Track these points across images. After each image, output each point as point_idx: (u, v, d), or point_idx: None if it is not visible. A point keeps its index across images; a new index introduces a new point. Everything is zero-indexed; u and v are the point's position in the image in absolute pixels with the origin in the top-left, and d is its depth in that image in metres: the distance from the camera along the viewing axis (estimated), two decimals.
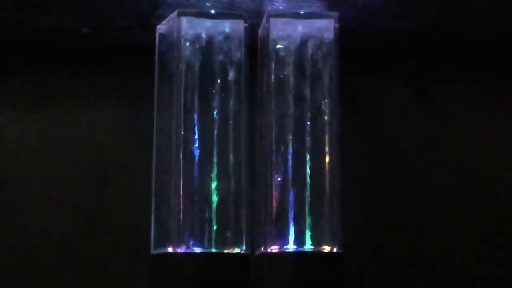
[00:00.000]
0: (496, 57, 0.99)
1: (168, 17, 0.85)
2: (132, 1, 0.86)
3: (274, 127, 0.83)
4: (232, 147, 0.83)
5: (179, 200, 0.81)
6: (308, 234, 0.82)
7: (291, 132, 0.83)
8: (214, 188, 0.82)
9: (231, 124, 0.83)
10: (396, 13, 0.89)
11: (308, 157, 0.83)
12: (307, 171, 0.83)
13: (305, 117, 0.84)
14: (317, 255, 0.82)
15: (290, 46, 0.85)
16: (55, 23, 0.91)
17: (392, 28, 0.92)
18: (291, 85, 0.84)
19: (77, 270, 0.93)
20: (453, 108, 0.99)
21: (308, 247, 0.82)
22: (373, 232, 0.95)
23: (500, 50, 0.99)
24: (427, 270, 0.95)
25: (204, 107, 0.83)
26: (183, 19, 0.83)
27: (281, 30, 0.85)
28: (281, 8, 0.86)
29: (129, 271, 0.93)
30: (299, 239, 0.82)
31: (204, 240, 0.81)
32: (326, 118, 0.84)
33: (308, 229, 0.82)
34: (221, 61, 0.84)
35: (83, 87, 0.97)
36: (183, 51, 0.83)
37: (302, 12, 0.85)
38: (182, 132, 0.82)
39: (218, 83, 0.84)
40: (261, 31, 0.87)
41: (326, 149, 0.83)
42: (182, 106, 0.82)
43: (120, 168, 0.95)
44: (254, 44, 0.87)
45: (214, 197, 0.82)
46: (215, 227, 0.81)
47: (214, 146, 0.83)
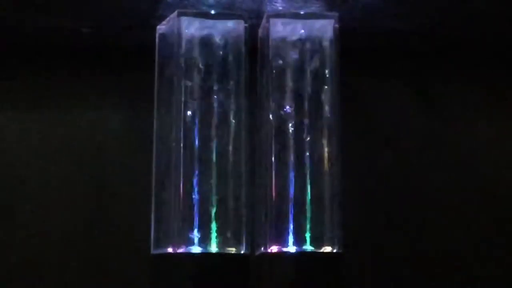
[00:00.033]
0: (496, 57, 0.99)
1: (168, 17, 0.85)
2: (132, 1, 0.86)
3: (274, 127, 0.83)
4: (232, 147, 0.83)
5: (179, 200, 0.81)
6: (308, 234, 0.82)
7: (291, 132, 0.83)
8: (214, 188, 0.82)
9: (231, 124, 0.83)
10: (396, 13, 0.89)
11: (308, 157, 0.83)
12: (307, 171, 0.83)
13: (305, 117, 0.84)
14: (317, 255, 0.82)
15: (290, 46, 0.85)
16: (55, 23, 0.91)
17: (392, 28, 0.92)
18: (291, 85, 0.84)
19: (77, 270, 0.93)
20: (453, 108, 0.99)
21: (308, 247, 0.82)
22: (373, 232, 0.95)
23: (500, 50, 0.99)
24: (427, 270, 0.95)
25: (204, 107, 0.83)
26: (183, 19, 0.83)
27: (281, 30, 0.85)
28: (281, 8, 0.86)
29: (129, 271, 0.93)
30: (299, 239, 0.82)
31: (204, 240, 0.81)
32: (326, 117, 0.84)
33: (308, 229, 0.82)
34: (221, 61, 0.84)
35: (83, 87, 0.97)
36: (183, 51, 0.83)
37: (302, 12, 0.85)
38: (182, 132, 0.82)
39: (218, 83, 0.84)
40: (261, 31, 0.87)
41: (326, 149, 0.83)
42: (182, 106, 0.82)
43: (120, 168, 0.95)
44: (254, 44, 0.87)
45: (214, 197, 0.82)
46: (215, 227, 0.81)
47: (214, 146, 0.83)
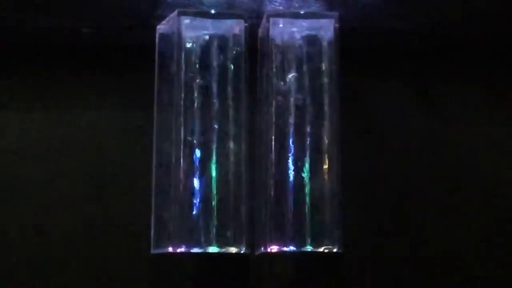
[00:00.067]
0: (496, 57, 0.99)
1: (168, 17, 0.85)
2: (132, 1, 0.86)
3: (274, 127, 0.83)
4: (232, 146, 0.83)
5: (179, 199, 0.81)
6: (308, 234, 0.82)
7: (291, 132, 0.83)
8: (214, 188, 0.82)
9: (231, 124, 0.83)
10: (396, 13, 0.89)
11: (308, 157, 0.83)
12: (307, 171, 0.83)
13: (305, 117, 0.84)
14: (317, 255, 0.82)
15: (290, 46, 0.85)
16: (55, 23, 0.91)
17: (392, 28, 0.92)
18: (291, 85, 0.84)
19: (77, 270, 0.93)
20: (453, 108, 0.99)
21: (308, 247, 0.82)
22: (373, 232, 0.95)
23: (500, 50, 0.99)
24: (427, 270, 0.95)
25: (204, 107, 0.83)
26: (183, 19, 0.83)
27: (281, 30, 0.85)
28: (281, 8, 0.86)
29: (129, 271, 0.93)
30: (299, 239, 0.82)
31: (204, 240, 0.81)
32: (326, 118, 0.84)
33: (308, 229, 0.82)
34: (221, 61, 0.84)
35: (83, 87, 0.97)
36: (183, 51, 0.83)
37: (302, 12, 0.85)
38: (182, 132, 0.82)
39: (218, 82, 0.84)
40: (261, 31, 0.87)
41: (326, 149, 0.83)
42: (182, 106, 0.82)
43: (120, 168, 0.95)
44: (254, 44, 0.87)
45: (214, 197, 0.82)
46: (215, 227, 0.81)
47: (214, 146, 0.83)
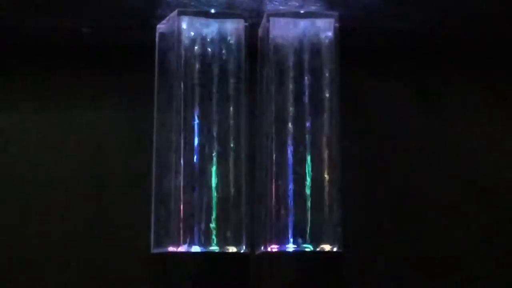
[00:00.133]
0: (496, 57, 0.99)
1: (168, 17, 0.85)
2: (132, 1, 0.86)
3: (274, 127, 0.83)
4: (232, 146, 0.83)
5: (179, 200, 0.81)
6: (308, 233, 0.82)
7: (291, 131, 0.83)
8: (214, 188, 0.82)
9: (231, 124, 0.83)
10: (396, 13, 0.89)
11: (308, 156, 0.83)
12: (307, 170, 0.83)
13: (305, 117, 0.84)
14: (317, 255, 0.82)
15: (290, 45, 0.85)
16: (55, 23, 0.91)
17: (392, 28, 0.92)
18: (291, 85, 0.84)
19: (77, 270, 0.93)
20: (453, 108, 0.99)
21: (308, 247, 0.82)
22: (373, 232, 0.95)
23: (500, 50, 0.99)
24: (427, 270, 0.95)
25: (204, 107, 0.83)
26: (183, 18, 0.83)
27: (281, 30, 0.85)
28: (281, 7, 0.86)
29: (129, 270, 0.93)
30: (299, 239, 0.82)
31: (204, 240, 0.81)
32: (326, 117, 0.84)
33: (308, 229, 0.82)
34: (221, 61, 0.84)
35: (83, 87, 0.97)
36: (183, 50, 0.83)
37: (302, 12, 0.85)
38: (182, 132, 0.82)
39: (218, 82, 0.84)
40: (261, 30, 0.87)
41: (326, 148, 0.83)
42: (182, 106, 0.82)
43: (120, 168, 0.95)
44: (254, 44, 0.87)
45: (214, 196, 0.82)
46: (215, 227, 0.81)
47: (214, 146, 0.83)
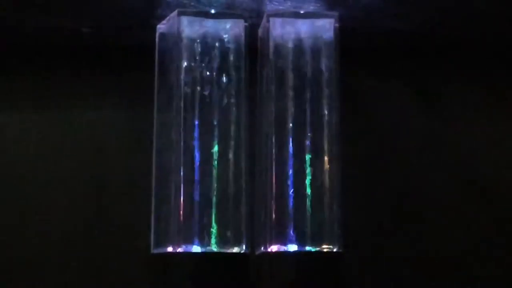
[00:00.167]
0: (496, 57, 0.99)
1: (168, 17, 0.85)
2: (132, 1, 0.86)
3: (274, 127, 0.83)
4: (232, 146, 0.83)
5: (179, 200, 0.81)
6: (308, 234, 0.82)
7: (291, 131, 0.83)
8: (214, 188, 0.82)
9: (231, 124, 0.83)
10: (396, 13, 0.89)
11: (308, 157, 0.83)
12: (307, 171, 0.83)
13: (305, 117, 0.84)
14: (317, 255, 0.82)
15: (290, 45, 0.85)
16: (55, 23, 0.91)
17: (392, 28, 0.92)
18: (291, 85, 0.84)
19: (77, 270, 0.93)
20: (453, 108, 0.99)
21: (308, 247, 0.82)
22: (373, 232, 0.95)
23: (500, 50, 0.99)
24: (427, 270, 0.95)
25: (204, 107, 0.83)
26: (183, 18, 0.83)
27: (281, 30, 0.85)
28: (281, 7, 0.86)
29: (129, 271, 0.93)
30: (299, 239, 0.82)
31: (204, 240, 0.81)
32: (326, 117, 0.84)
33: (308, 229, 0.82)
34: (221, 61, 0.84)
35: (83, 87, 0.97)
36: (183, 50, 0.83)
37: (302, 12, 0.85)
38: (182, 132, 0.82)
39: (218, 82, 0.84)
40: (261, 30, 0.87)
41: (326, 148, 0.83)
42: (182, 106, 0.82)
43: (120, 168, 0.95)
44: (254, 44, 0.87)
45: (214, 197, 0.82)
46: (215, 227, 0.81)
47: (214, 146, 0.83)
